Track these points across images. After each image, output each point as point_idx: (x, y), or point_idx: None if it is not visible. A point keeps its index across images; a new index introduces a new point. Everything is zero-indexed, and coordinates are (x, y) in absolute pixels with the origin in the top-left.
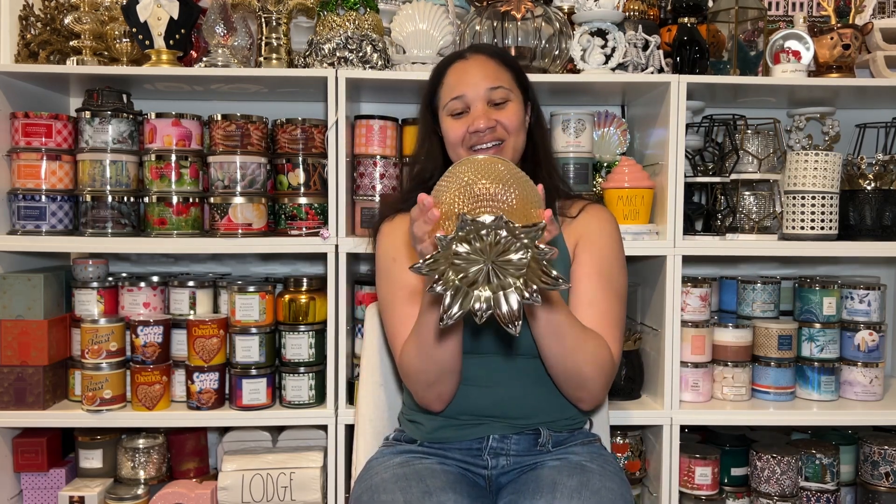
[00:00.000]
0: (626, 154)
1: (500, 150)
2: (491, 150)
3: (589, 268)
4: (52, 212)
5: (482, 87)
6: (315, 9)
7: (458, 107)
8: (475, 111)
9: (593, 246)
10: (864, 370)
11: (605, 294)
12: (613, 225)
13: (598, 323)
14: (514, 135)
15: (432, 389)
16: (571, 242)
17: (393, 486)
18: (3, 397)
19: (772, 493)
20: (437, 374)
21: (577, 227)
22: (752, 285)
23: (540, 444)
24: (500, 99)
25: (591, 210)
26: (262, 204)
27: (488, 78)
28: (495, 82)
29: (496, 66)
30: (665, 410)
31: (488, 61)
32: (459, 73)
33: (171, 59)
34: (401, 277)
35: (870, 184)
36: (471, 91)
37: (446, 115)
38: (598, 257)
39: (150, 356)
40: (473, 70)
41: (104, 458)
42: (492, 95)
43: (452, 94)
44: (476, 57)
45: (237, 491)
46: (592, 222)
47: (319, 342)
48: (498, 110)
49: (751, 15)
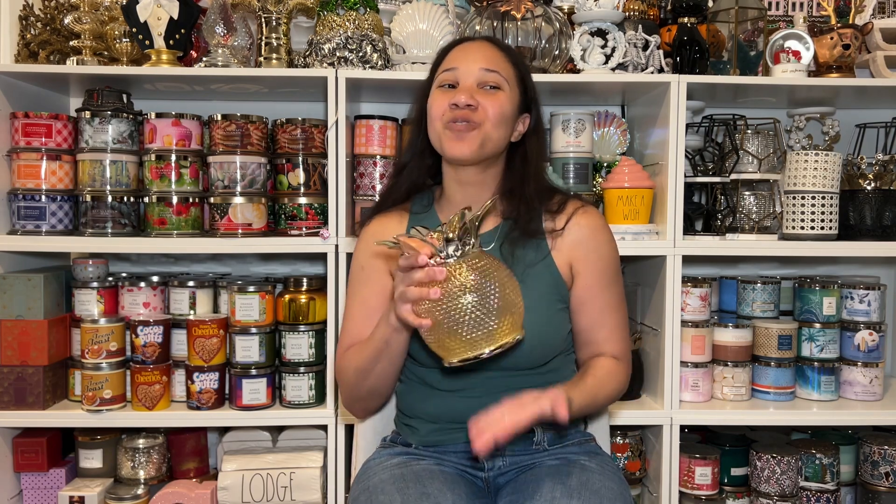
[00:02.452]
0: (626, 154)
1: (466, 130)
2: (464, 128)
3: (593, 287)
4: (52, 212)
5: (476, 65)
6: (315, 9)
7: (449, 79)
8: (462, 87)
9: (591, 262)
10: (864, 370)
11: (611, 308)
12: (605, 229)
13: (611, 341)
14: (493, 125)
15: (358, 403)
16: (564, 260)
17: (391, 486)
18: (3, 397)
19: (772, 493)
20: (368, 392)
21: (569, 242)
22: (752, 285)
23: (535, 443)
24: (492, 83)
25: (579, 219)
26: (262, 204)
27: (485, 59)
28: (491, 65)
29: (499, 54)
30: (665, 410)
31: (492, 48)
32: (460, 50)
33: (171, 59)
34: (361, 290)
35: (870, 184)
36: (464, 66)
37: (436, 88)
38: (598, 273)
39: (150, 356)
40: (474, 49)
41: (104, 458)
42: (485, 77)
43: (447, 66)
44: (480, 41)
45: (237, 491)
46: (584, 234)
47: (319, 342)
48: (486, 94)
49: (751, 15)
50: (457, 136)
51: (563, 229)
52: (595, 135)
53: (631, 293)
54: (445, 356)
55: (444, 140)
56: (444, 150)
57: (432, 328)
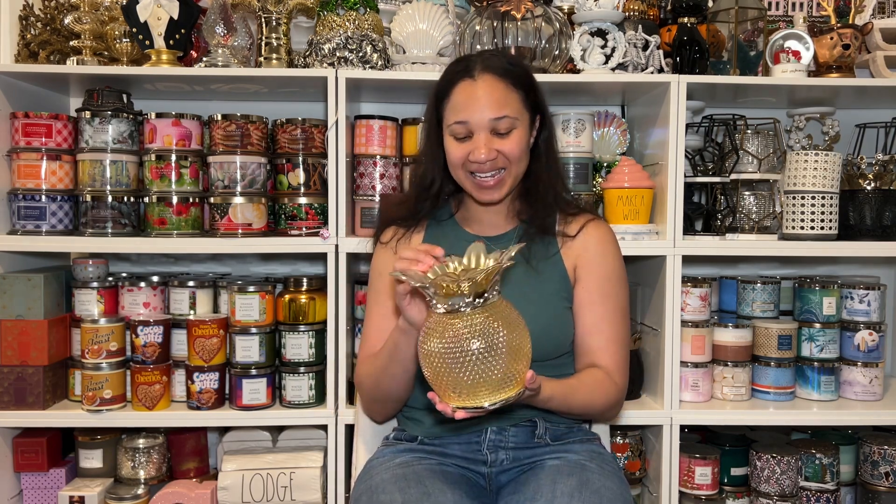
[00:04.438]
0: (625, 154)
1: (501, 178)
2: (492, 180)
3: (592, 293)
4: (52, 212)
5: (486, 117)
6: (315, 9)
7: (461, 131)
8: (477, 140)
9: (595, 268)
10: (863, 370)
11: (609, 318)
12: (614, 243)
13: (605, 351)
14: (515, 163)
15: (376, 406)
16: (570, 263)
17: (392, 486)
18: (3, 397)
19: (772, 493)
20: (384, 396)
21: (577, 247)
22: (751, 285)
23: (538, 437)
24: (504, 129)
25: (590, 229)
26: (262, 204)
27: (493, 106)
28: (500, 111)
29: (504, 89)
30: (665, 410)
31: (497, 84)
32: (466, 95)
33: (171, 59)
34: (379, 298)
35: (869, 184)
36: (475, 118)
37: (449, 135)
38: (600, 280)
39: (150, 356)
40: (480, 95)
41: (104, 458)
42: (496, 125)
43: (457, 118)
44: (485, 78)
45: (237, 491)
46: (593, 243)
47: (319, 342)
48: (501, 139)
49: (751, 15)
50: (483, 184)
51: (575, 237)
52: (595, 135)
53: (631, 293)
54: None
55: (469, 188)
56: (471, 195)
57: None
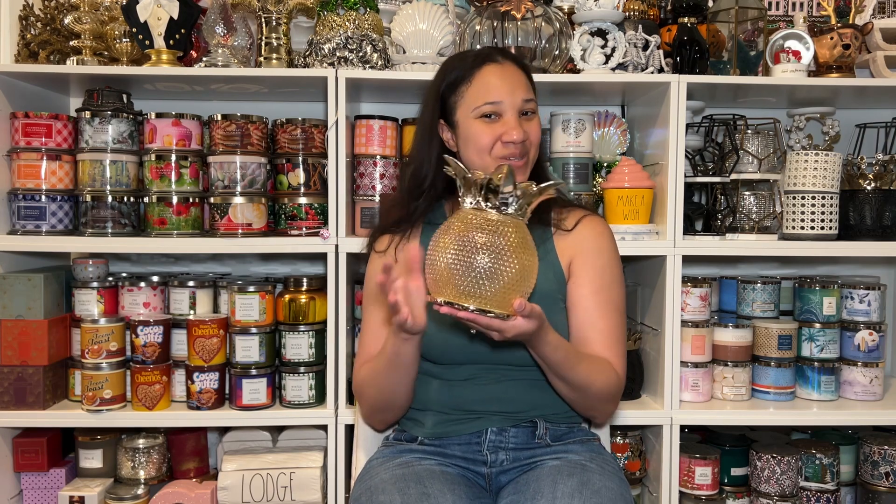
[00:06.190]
0: (626, 154)
1: (525, 162)
2: (521, 162)
3: (587, 287)
4: (52, 212)
5: (519, 97)
6: (315, 9)
7: (492, 110)
8: (509, 120)
9: (591, 262)
10: (864, 370)
11: (605, 312)
12: (610, 238)
13: (601, 343)
14: (535, 149)
15: (377, 415)
16: (566, 257)
17: (391, 487)
18: (3, 397)
19: (772, 493)
20: (385, 405)
21: (573, 242)
22: (752, 285)
23: (538, 437)
24: (530, 111)
25: (587, 223)
26: (262, 204)
27: (523, 88)
28: (528, 94)
29: (524, 76)
30: (665, 410)
31: (518, 71)
32: (497, 76)
33: (171, 59)
34: (375, 304)
35: (870, 184)
36: (508, 98)
37: (474, 118)
38: (596, 274)
39: (150, 356)
40: (510, 77)
41: (104, 458)
42: (525, 107)
43: (489, 98)
44: (508, 64)
45: (237, 491)
46: (588, 236)
47: (319, 342)
48: (527, 122)
49: (751, 15)
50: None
51: (571, 230)
52: (595, 135)
53: (631, 293)
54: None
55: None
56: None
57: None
